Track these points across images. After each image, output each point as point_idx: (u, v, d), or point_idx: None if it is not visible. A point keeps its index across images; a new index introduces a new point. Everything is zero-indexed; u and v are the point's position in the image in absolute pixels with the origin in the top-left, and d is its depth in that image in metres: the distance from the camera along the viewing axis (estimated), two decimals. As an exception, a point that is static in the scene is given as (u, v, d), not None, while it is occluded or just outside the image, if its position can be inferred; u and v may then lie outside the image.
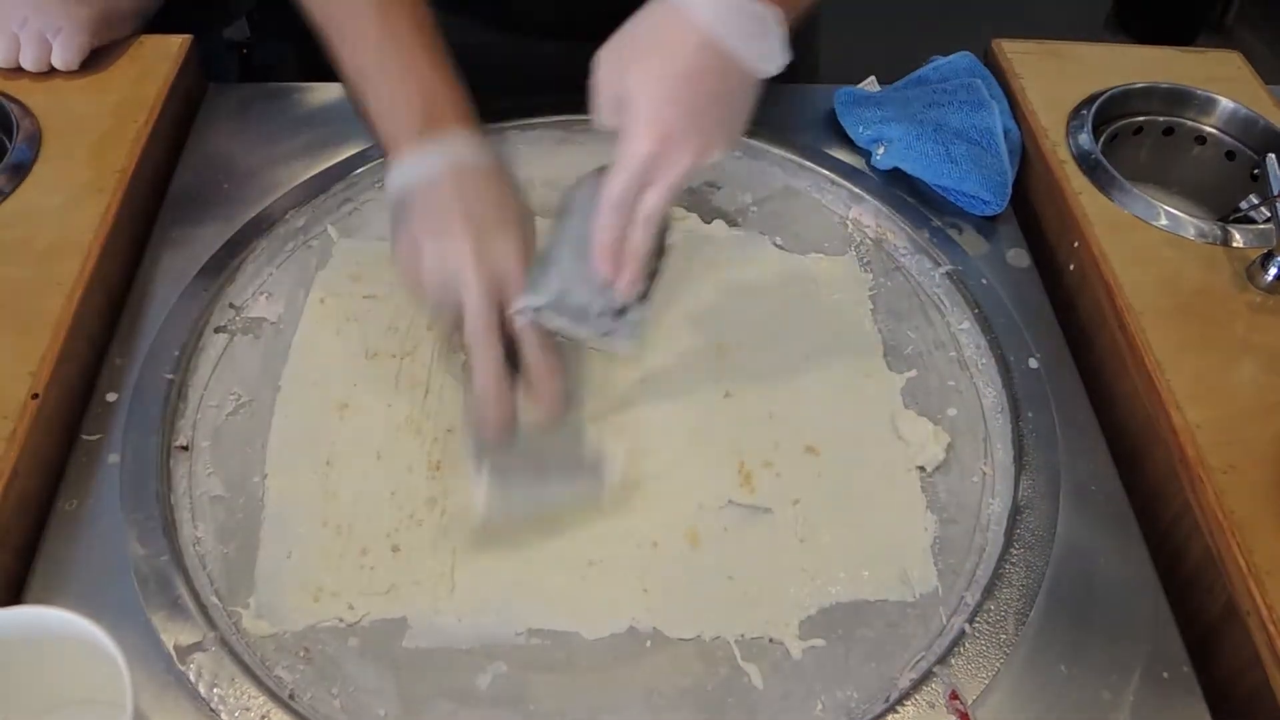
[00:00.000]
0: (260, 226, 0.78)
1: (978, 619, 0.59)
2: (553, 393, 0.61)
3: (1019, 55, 0.93)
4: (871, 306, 0.77)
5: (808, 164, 0.86)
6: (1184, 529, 0.64)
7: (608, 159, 0.58)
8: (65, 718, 0.55)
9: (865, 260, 0.81)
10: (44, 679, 0.53)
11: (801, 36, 1.02)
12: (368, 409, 0.69)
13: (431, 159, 0.62)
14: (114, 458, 0.64)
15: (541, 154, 0.87)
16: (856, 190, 0.84)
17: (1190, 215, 0.79)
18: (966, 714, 0.55)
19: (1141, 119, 0.90)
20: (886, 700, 0.57)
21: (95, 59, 0.86)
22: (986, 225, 0.83)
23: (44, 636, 0.50)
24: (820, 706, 0.57)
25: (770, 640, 0.60)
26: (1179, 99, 0.89)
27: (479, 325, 0.59)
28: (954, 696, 0.56)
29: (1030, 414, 0.69)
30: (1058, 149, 0.84)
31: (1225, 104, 0.88)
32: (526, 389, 0.61)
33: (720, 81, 0.57)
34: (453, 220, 0.60)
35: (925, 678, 0.57)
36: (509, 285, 0.60)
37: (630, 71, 0.56)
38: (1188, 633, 0.60)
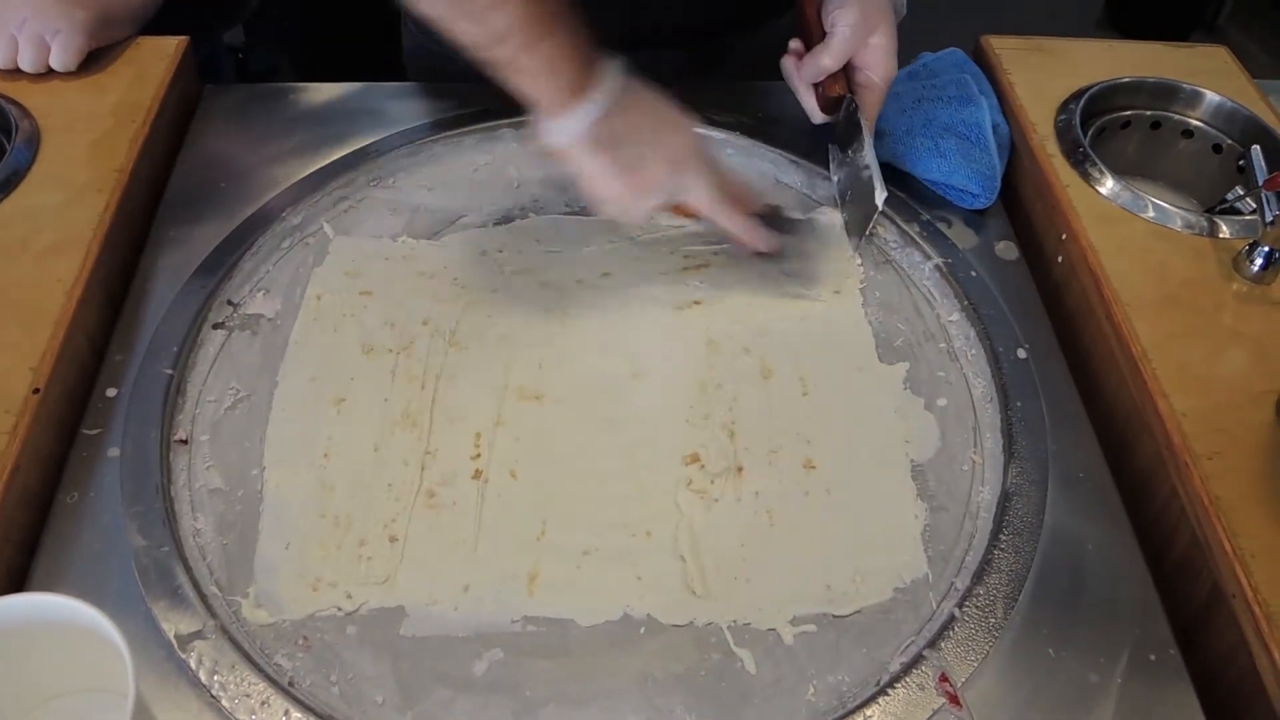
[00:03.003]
0: (257, 224, 0.79)
1: (967, 604, 0.60)
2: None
3: (1007, 51, 0.93)
4: (862, 299, 0.78)
5: (798, 159, 0.87)
6: (1171, 515, 0.65)
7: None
8: (67, 706, 0.56)
9: (856, 254, 0.82)
10: (46, 667, 0.54)
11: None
12: (364, 403, 0.70)
13: (610, 93, 0.69)
14: (114, 451, 0.65)
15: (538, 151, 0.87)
16: (847, 185, 0.85)
17: (1177, 207, 0.80)
18: (956, 696, 0.56)
19: (1129, 113, 0.91)
20: (877, 684, 0.58)
21: (93, 60, 0.87)
22: (976, 219, 0.84)
23: (46, 623, 0.51)
24: (812, 690, 0.58)
25: (763, 627, 0.60)
26: (1166, 93, 0.90)
27: (722, 196, 0.75)
28: (944, 679, 0.57)
29: (1019, 403, 0.70)
30: (1046, 143, 0.84)
31: (1212, 97, 0.89)
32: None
33: None
34: (667, 126, 0.73)
35: (915, 661, 0.58)
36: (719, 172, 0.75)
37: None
38: (1175, 616, 0.61)
